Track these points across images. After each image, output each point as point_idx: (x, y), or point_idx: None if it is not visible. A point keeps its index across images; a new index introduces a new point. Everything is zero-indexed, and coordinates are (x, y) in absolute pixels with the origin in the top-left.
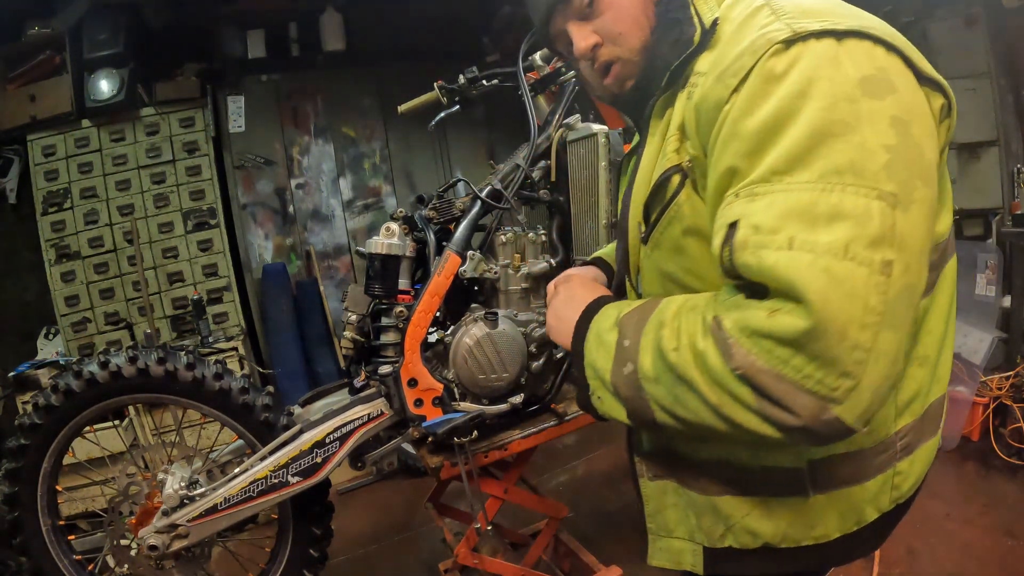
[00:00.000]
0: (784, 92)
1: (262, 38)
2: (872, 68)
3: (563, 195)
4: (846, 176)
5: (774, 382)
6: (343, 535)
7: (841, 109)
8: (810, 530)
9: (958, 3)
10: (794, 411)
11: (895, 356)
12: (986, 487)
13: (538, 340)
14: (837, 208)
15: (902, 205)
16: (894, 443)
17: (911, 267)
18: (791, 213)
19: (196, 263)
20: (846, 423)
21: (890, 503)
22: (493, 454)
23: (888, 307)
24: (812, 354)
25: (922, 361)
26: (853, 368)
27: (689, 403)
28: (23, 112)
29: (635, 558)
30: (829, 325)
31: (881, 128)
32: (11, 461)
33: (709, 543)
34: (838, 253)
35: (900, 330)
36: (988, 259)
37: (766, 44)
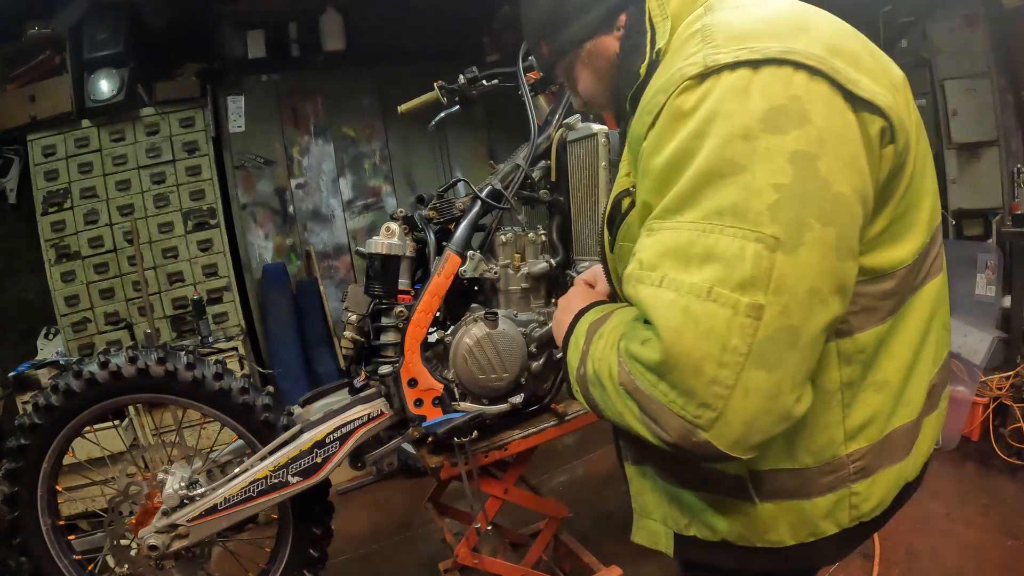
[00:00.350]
0: (686, 132)
1: (262, 38)
2: (783, 98)
3: (563, 195)
4: (726, 218)
5: (647, 402)
6: (343, 535)
7: (734, 148)
8: (763, 534)
9: (958, 3)
10: (666, 430)
11: (774, 392)
12: (986, 487)
13: (538, 340)
14: (711, 250)
15: (785, 247)
16: (845, 465)
17: (790, 309)
18: (669, 252)
19: (196, 263)
20: (719, 449)
21: (851, 521)
22: (493, 454)
23: (756, 347)
24: (672, 383)
25: (879, 387)
26: (712, 401)
27: (609, 408)
28: (23, 112)
29: (635, 558)
30: (680, 360)
31: (776, 166)
32: (11, 461)
33: (677, 529)
34: (701, 294)
35: (777, 369)
36: (988, 259)
37: (679, 80)
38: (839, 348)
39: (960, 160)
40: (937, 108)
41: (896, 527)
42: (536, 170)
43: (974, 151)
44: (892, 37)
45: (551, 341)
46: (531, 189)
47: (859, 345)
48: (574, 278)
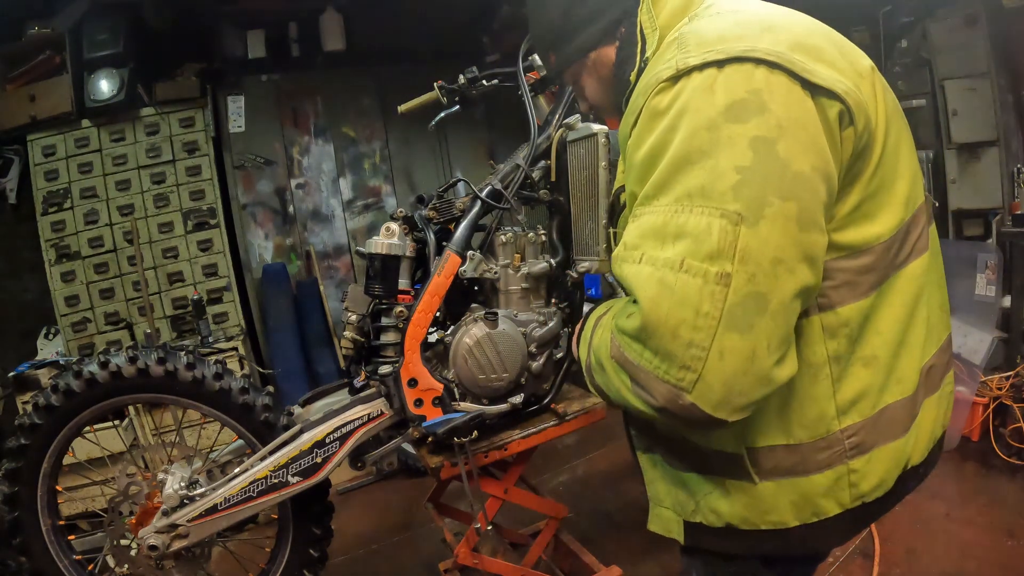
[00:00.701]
0: (661, 127)
1: (262, 38)
2: (744, 92)
3: (563, 195)
4: (696, 199)
5: (635, 371)
6: (343, 535)
7: (700, 138)
8: (765, 515)
9: (958, 3)
10: (653, 395)
11: (750, 354)
12: (986, 487)
13: (538, 340)
14: (682, 227)
15: (748, 222)
16: (839, 441)
17: (757, 277)
18: (647, 233)
19: (196, 263)
20: (704, 411)
21: (852, 500)
22: (493, 454)
23: (727, 312)
24: (654, 349)
25: (867, 361)
26: (691, 363)
27: (610, 387)
28: (23, 112)
29: (635, 558)
30: (659, 326)
31: (737, 150)
32: (11, 461)
33: (686, 516)
34: (674, 267)
35: (749, 332)
36: (988, 259)
37: (655, 83)
38: (823, 322)
39: (960, 160)
40: (937, 108)
41: (896, 527)
42: (536, 170)
43: (974, 151)
44: (892, 37)
45: (551, 341)
46: (531, 189)
47: (842, 319)
48: (574, 278)
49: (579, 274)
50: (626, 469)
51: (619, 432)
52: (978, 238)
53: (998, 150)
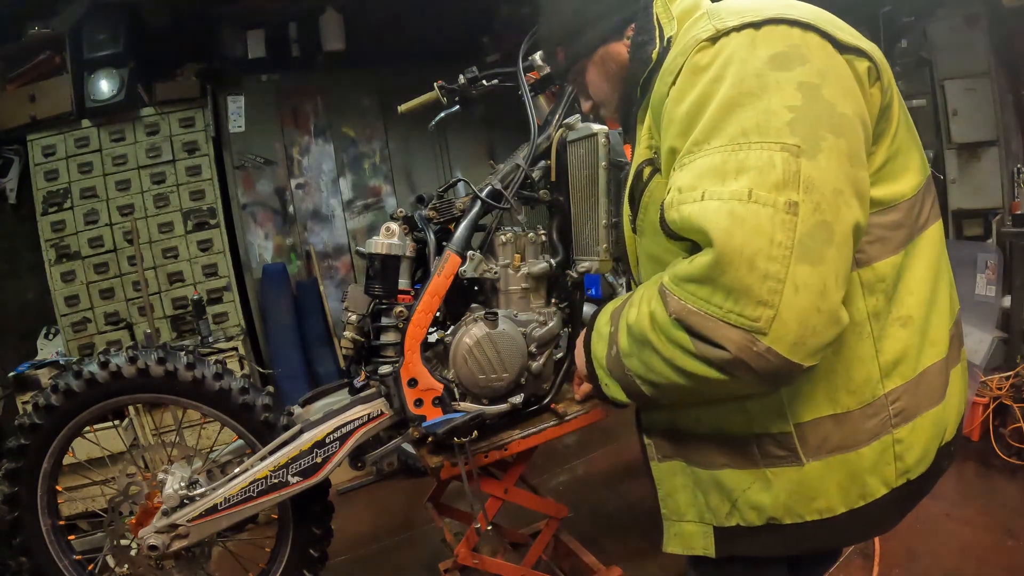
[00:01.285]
0: (705, 79)
1: (262, 38)
2: (784, 46)
3: (563, 195)
4: (751, 136)
5: (701, 320)
6: (343, 535)
7: (748, 83)
8: (811, 502)
9: (958, 3)
10: (723, 346)
11: (820, 289)
12: (986, 487)
13: (538, 340)
14: (743, 163)
15: (807, 154)
16: (885, 407)
17: (822, 206)
18: (705, 173)
19: (196, 263)
20: (781, 354)
21: (897, 477)
22: (493, 454)
23: (798, 241)
24: (726, 288)
25: (904, 321)
26: (768, 297)
27: (655, 365)
28: (23, 112)
29: (635, 558)
30: (735, 257)
31: (787, 93)
32: (11, 461)
33: (718, 522)
34: (742, 198)
35: (820, 264)
36: (988, 259)
37: (694, 44)
38: (861, 277)
39: (960, 160)
40: (937, 108)
41: (896, 527)
42: (536, 170)
43: (974, 151)
44: (892, 37)
45: (551, 341)
46: (531, 189)
47: (879, 274)
48: (574, 278)
49: (579, 274)
50: (626, 469)
51: (619, 432)
52: (978, 238)
53: (998, 150)
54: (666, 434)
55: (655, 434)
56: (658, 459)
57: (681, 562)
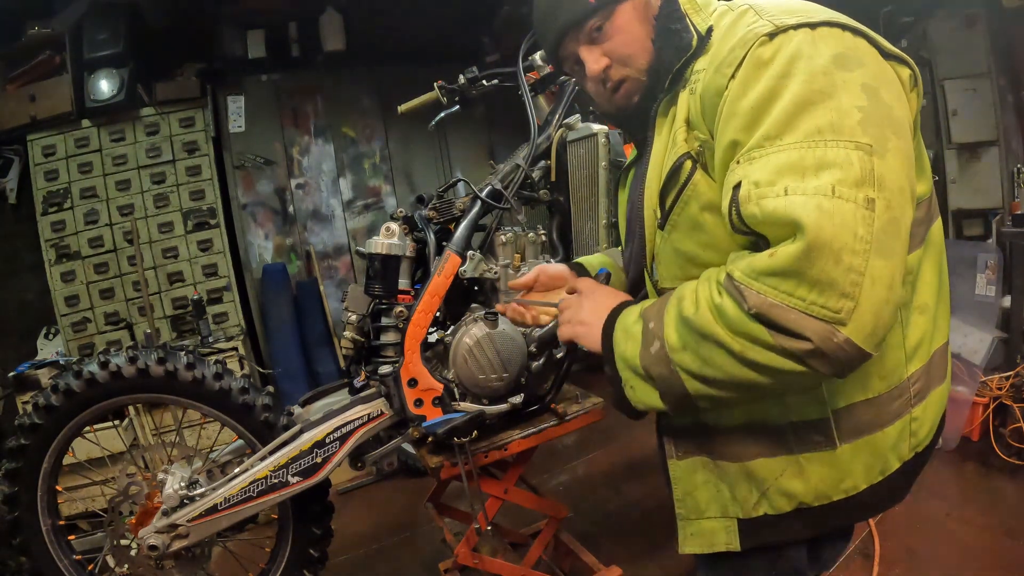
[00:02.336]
0: (771, 73)
1: (262, 38)
2: (842, 47)
3: (563, 195)
4: (827, 134)
5: (784, 313)
6: (343, 535)
7: (818, 81)
8: (840, 483)
9: (958, 3)
10: (806, 337)
11: (890, 282)
12: (986, 487)
13: (538, 340)
14: (822, 159)
15: (878, 153)
16: (907, 388)
17: (892, 203)
18: (784, 168)
19: (196, 263)
20: (857, 344)
21: (909, 451)
22: (493, 454)
23: (875, 236)
24: (812, 281)
25: (922, 309)
26: (851, 289)
27: (715, 359)
28: (23, 112)
29: (635, 558)
30: (824, 248)
31: (854, 93)
32: (11, 461)
33: (744, 514)
34: (827, 193)
35: (891, 258)
36: (988, 259)
37: (754, 37)
38: None
39: (960, 160)
40: (937, 108)
41: (896, 527)
42: (536, 170)
43: (974, 151)
44: (892, 37)
45: (551, 341)
46: (531, 189)
47: (909, 266)
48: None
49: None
50: (626, 469)
51: (619, 432)
52: (978, 238)
53: (998, 150)
54: (688, 430)
55: (676, 432)
56: (677, 457)
57: (681, 562)
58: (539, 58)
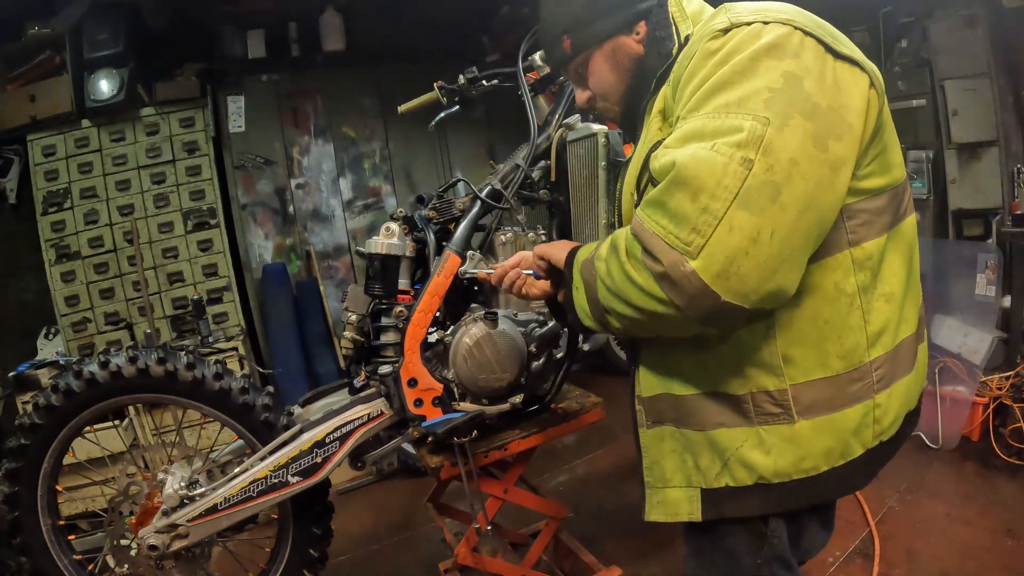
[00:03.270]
0: (712, 62)
1: (262, 38)
2: (782, 40)
3: (563, 195)
4: (732, 107)
5: (648, 236)
6: (343, 535)
7: (742, 64)
8: (800, 462)
9: (958, 3)
10: (659, 259)
11: (752, 235)
12: (986, 487)
13: (538, 340)
14: (718, 127)
15: (774, 125)
16: (869, 372)
17: (775, 168)
18: (686, 132)
19: (196, 263)
20: (704, 280)
21: (873, 438)
22: (493, 454)
23: (743, 190)
24: (671, 212)
25: (888, 298)
26: (702, 227)
27: (614, 268)
28: (23, 112)
29: (635, 558)
30: (683, 184)
31: (772, 77)
32: (11, 461)
33: (707, 484)
34: (707, 147)
35: (759, 215)
36: (988, 259)
37: (710, 32)
38: (852, 255)
39: (960, 160)
40: (937, 108)
41: (896, 527)
42: (536, 170)
43: (974, 151)
44: (892, 37)
45: (551, 341)
46: (531, 189)
47: (867, 252)
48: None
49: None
50: (626, 469)
51: (619, 432)
52: (978, 238)
53: (998, 150)
54: (659, 399)
55: (647, 400)
56: (647, 425)
57: (681, 561)
58: (539, 58)
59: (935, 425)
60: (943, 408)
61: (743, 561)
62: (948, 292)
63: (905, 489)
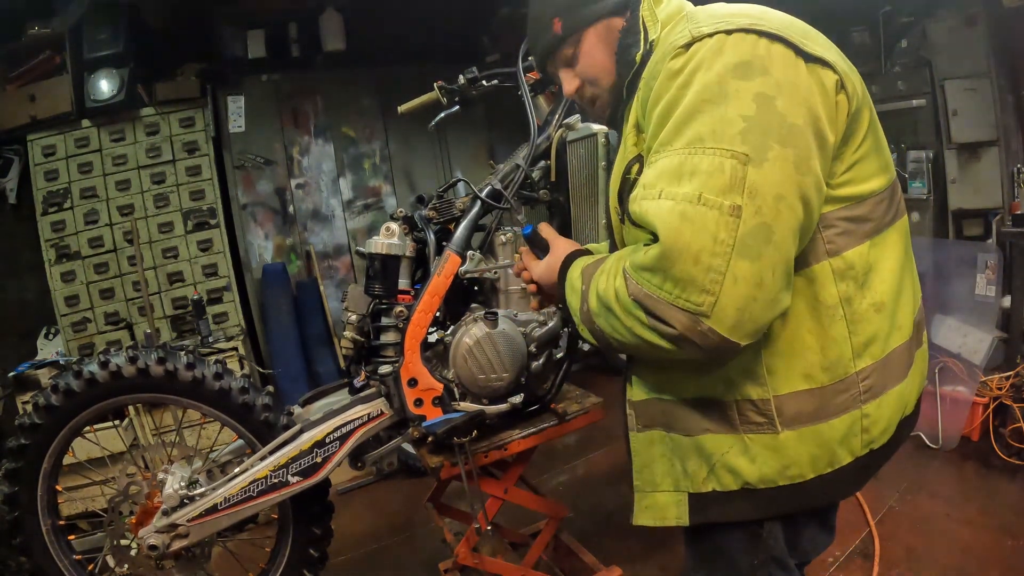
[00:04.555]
0: (677, 83)
1: (262, 38)
2: (749, 55)
3: (563, 195)
4: (707, 141)
5: (654, 303)
6: (343, 535)
7: (711, 91)
8: (785, 470)
9: (958, 3)
10: (672, 324)
11: (757, 281)
12: (986, 487)
13: (538, 340)
14: (696, 166)
15: (754, 162)
16: (855, 383)
17: (763, 210)
18: (664, 172)
19: (196, 263)
20: (721, 333)
21: (862, 447)
22: (493, 454)
23: (739, 240)
24: (675, 278)
25: (878, 307)
26: (711, 286)
27: (617, 328)
28: (23, 112)
29: (635, 558)
30: (682, 253)
31: (743, 103)
32: (11, 461)
33: (694, 488)
34: (693, 200)
35: (757, 260)
36: (988, 259)
37: (672, 50)
38: (832, 266)
39: (960, 160)
40: (937, 108)
41: (896, 527)
42: (536, 170)
43: (974, 151)
44: (892, 37)
45: (551, 341)
46: (531, 189)
47: (848, 262)
48: None
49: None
50: (626, 469)
51: (619, 432)
52: (978, 238)
53: (998, 150)
54: (649, 403)
55: (638, 404)
56: (638, 429)
57: (681, 562)
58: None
59: (935, 425)
60: (943, 408)
61: (739, 562)
62: (948, 292)
63: (905, 489)
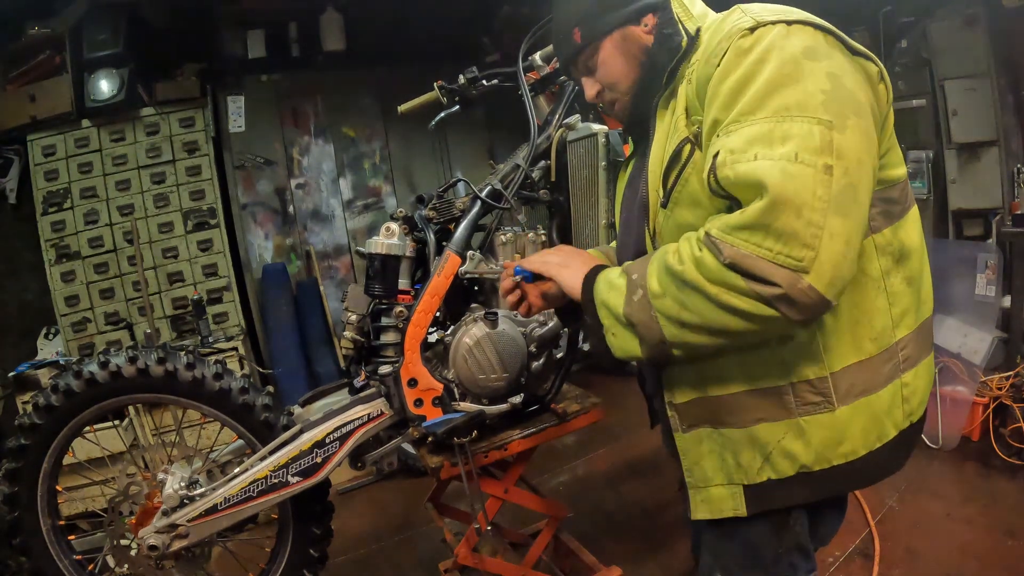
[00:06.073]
0: (749, 60)
1: (262, 38)
2: (812, 42)
3: (563, 195)
4: (793, 111)
5: (754, 262)
6: (343, 535)
7: (788, 67)
8: (838, 446)
9: (958, 3)
10: (775, 282)
11: (848, 237)
12: (986, 487)
13: (538, 340)
14: (787, 132)
15: (838, 128)
16: (896, 352)
17: (850, 170)
18: (755, 138)
19: (196, 263)
20: (819, 290)
21: (904, 418)
22: (493, 454)
23: (833, 197)
24: (777, 233)
25: (909, 280)
26: (811, 240)
27: (694, 304)
28: (23, 112)
29: (635, 558)
30: (787, 204)
31: (819, 79)
32: (11, 461)
33: (748, 480)
34: (791, 159)
35: (847, 217)
36: (988, 259)
37: (738, 31)
38: (875, 242)
39: (960, 160)
40: (937, 108)
41: (896, 527)
42: (536, 170)
43: (974, 151)
44: (892, 37)
45: (551, 341)
46: (531, 189)
47: (887, 239)
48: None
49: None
50: (626, 469)
51: (619, 432)
52: (978, 238)
53: (998, 150)
54: (694, 403)
55: (681, 406)
56: (683, 429)
57: (682, 562)
58: (539, 58)
59: (935, 425)
60: (943, 408)
61: (763, 551)
62: (948, 292)
63: (905, 489)
